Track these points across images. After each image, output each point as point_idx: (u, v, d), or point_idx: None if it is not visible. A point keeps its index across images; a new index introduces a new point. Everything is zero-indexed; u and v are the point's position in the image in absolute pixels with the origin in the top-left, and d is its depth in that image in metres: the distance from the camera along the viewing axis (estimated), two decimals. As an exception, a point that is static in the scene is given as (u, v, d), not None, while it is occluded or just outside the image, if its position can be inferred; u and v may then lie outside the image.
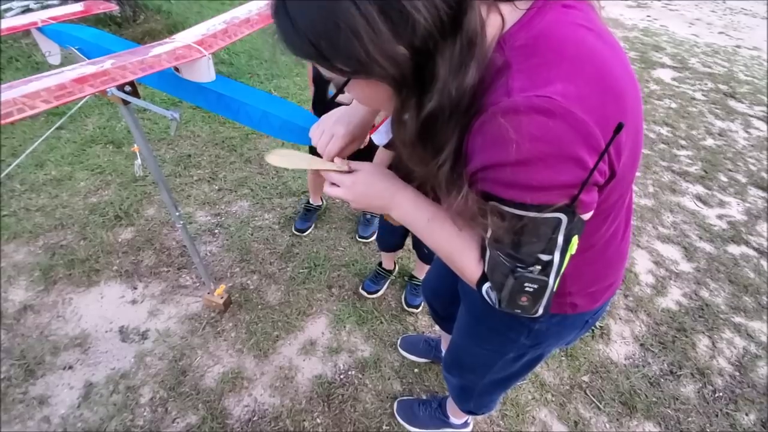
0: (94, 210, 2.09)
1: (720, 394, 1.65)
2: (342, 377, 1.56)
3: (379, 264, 1.88)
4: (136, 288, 1.79)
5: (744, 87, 4.32)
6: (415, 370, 1.61)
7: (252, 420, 1.42)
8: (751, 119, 3.73)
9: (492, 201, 0.49)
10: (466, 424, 1.41)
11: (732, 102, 3.99)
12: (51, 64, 1.28)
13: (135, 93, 1.04)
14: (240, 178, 2.39)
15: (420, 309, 1.81)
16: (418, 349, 1.63)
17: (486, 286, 0.60)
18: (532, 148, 0.43)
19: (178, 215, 1.41)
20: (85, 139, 2.52)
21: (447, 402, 1.39)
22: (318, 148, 0.72)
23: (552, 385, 1.60)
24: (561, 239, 0.50)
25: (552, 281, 0.54)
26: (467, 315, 0.93)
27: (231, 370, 1.54)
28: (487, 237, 0.54)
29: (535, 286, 0.54)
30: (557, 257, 0.52)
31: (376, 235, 1.77)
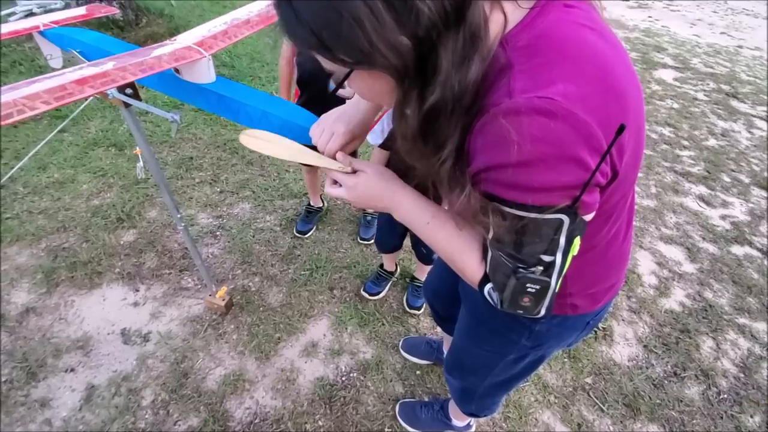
0: (96, 212, 2.10)
1: (724, 395, 1.63)
2: (344, 379, 1.55)
3: (381, 266, 1.88)
4: (138, 290, 1.79)
5: (746, 87, 4.31)
6: (417, 372, 1.60)
7: (253, 422, 1.41)
8: (754, 119, 3.72)
9: (494, 201, 0.49)
10: (468, 426, 1.40)
11: (734, 102, 3.98)
12: (53, 67, 1.29)
13: (136, 95, 1.04)
14: (241, 180, 2.40)
15: (422, 310, 1.80)
16: (420, 351, 1.62)
17: (488, 286, 0.60)
18: (533, 149, 0.43)
19: (179, 217, 1.41)
20: (88, 142, 2.54)
21: (449, 404, 1.38)
22: (318, 146, 0.72)
23: (555, 387, 1.59)
24: (563, 240, 0.50)
25: (554, 282, 0.54)
26: (468, 316, 0.93)
27: (232, 372, 1.53)
28: (489, 237, 0.54)
29: (537, 286, 0.54)
30: (559, 258, 0.51)
31: (374, 238, 1.77)
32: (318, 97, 1.24)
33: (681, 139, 3.27)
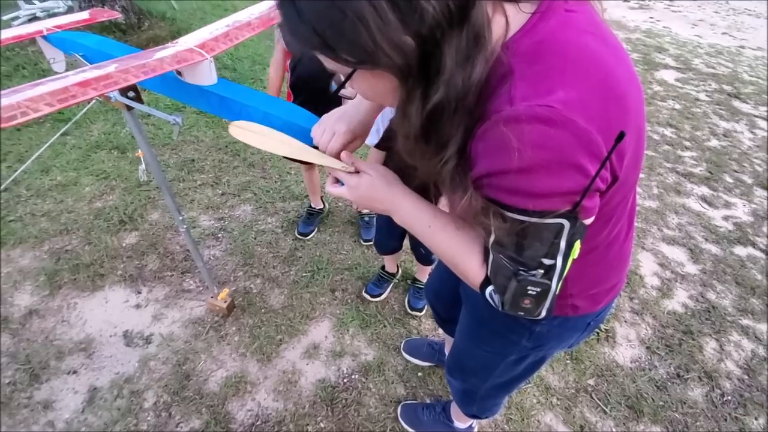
0: (98, 215, 2.11)
1: (728, 397, 1.62)
2: (345, 381, 1.55)
3: (382, 267, 1.88)
4: (140, 292, 1.79)
5: (748, 87, 4.30)
6: (419, 374, 1.60)
7: (255, 424, 1.41)
8: (756, 120, 3.71)
9: (495, 206, 0.49)
10: (470, 428, 1.40)
11: (736, 102, 3.97)
12: (55, 71, 1.30)
13: (138, 98, 1.05)
14: (243, 182, 2.40)
15: (423, 312, 1.80)
16: (421, 353, 1.62)
17: (489, 289, 0.60)
18: (533, 156, 0.43)
19: (181, 219, 1.41)
20: (90, 145, 2.55)
21: (451, 406, 1.38)
22: (320, 146, 0.72)
23: (557, 389, 1.59)
24: (563, 244, 0.50)
25: (555, 285, 0.54)
26: (469, 317, 0.93)
27: (234, 374, 1.53)
28: (491, 240, 0.55)
29: (538, 289, 0.54)
30: (560, 261, 0.52)
31: (374, 240, 1.77)
32: (311, 101, 1.24)
33: (683, 140, 3.26)
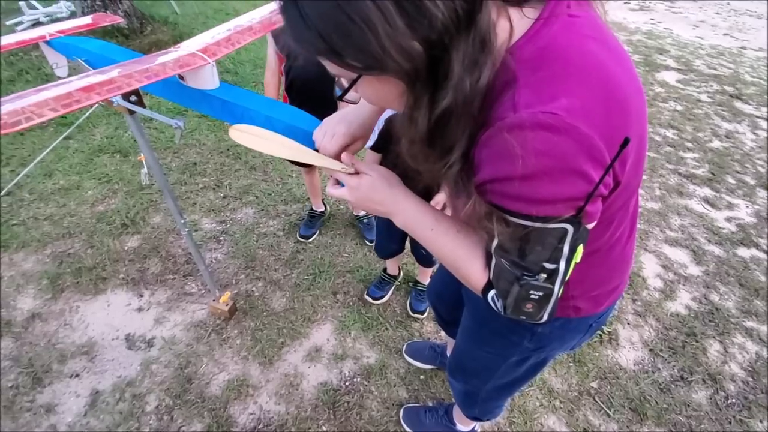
0: (101, 218, 2.12)
1: (733, 400, 1.61)
2: (347, 384, 1.55)
3: (384, 270, 1.87)
4: (142, 296, 1.80)
5: (750, 88, 4.29)
6: (421, 376, 1.59)
7: (257, 428, 1.41)
8: (759, 120, 3.70)
9: (498, 211, 0.49)
10: (473, 431, 1.39)
11: (738, 103, 3.96)
12: (58, 75, 1.31)
13: (140, 102, 1.05)
14: (245, 185, 2.41)
15: (425, 315, 1.80)
16: (423, 356, 1.62)
17: (492, 293, 0.60)
18: (537, 162, 0.43)
19: (183, 223, 1.42)
20: (93, 149, 2.56)
21: (453, 409, 1.38)
22: (321, 149, 0.73)
23: (560, 392, 1.58)
24: (567, 248, 0.50)
25: (557, 289, 0.55)
26: (470, 318, 0.93)
27: (236, 377, 1.53)
28: (494, 245, 0.55)
29: (541, 293, 0.54)
30: (563, 265, 0.52)
31: (374, 244, 1.77)
32: (306, 103, 1.25)
33: (685, 141, 3.26)
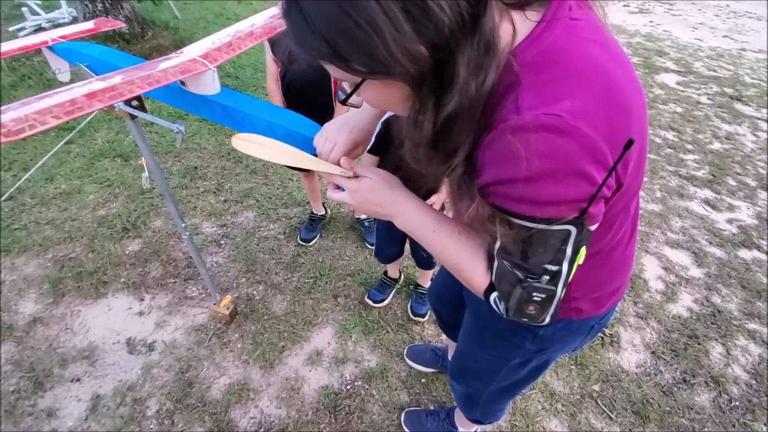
0: (102, 222, 2.12)
1: (736, 403, 1.60)
2: (348, 388, 1.55)
3: (385, 273, 1.87)
4: (143, 299, 1.80)
5: (750, 90, 4.29)
6: (422, 380, 1.59)
7: (258, 432, 1.41)
8: (759, 122, 3.70)
9: (502, 213, 0.49)
10: (474, 435, 1.39)
11: (738, 105, 3.96)
12: (61, 81, 1.32)
13: (142, 107, 1.06)
14: (245, 189, 2.41)
15: (426, 318, 1.80)
16: (424, 359, 1.61)
17: (494, 295, 0.60)
18: (541, 164, 0.43)
19: (184, 227, 1.42)
20: (94, 153, 2.57)
21: (455, 412, 1.37)
22: (322, 155, 0.73)
23: (562, 395, 1.57)
24: (570, 250, 0.50)
25: (560, 291, 0.55)
26: (472, 320, 0.93)
27: (237, 381, 1.53)
28: (497, 247, 0.55)
29: (543, 295, 0.54)
30: (565, 267, 0.52)
31: (374, 249, 1.76)
32: (302, 107, 1.26)
33: (685, 143, 3.26)
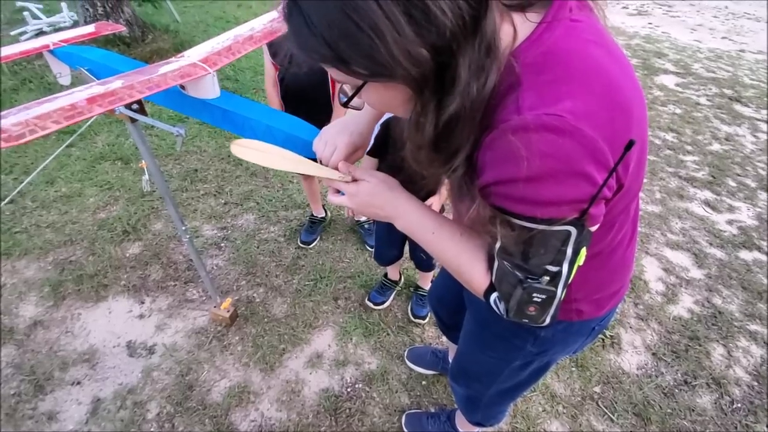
0: (102, 225, 2.12)
1: (738, 404, 1.60)
2: (349, 390, 1.54)
3: (385, 275, 1.87)
4: (143, 302, 1.80)
5: (750, 91, 4.29)
6: (423, 382, 1.59)
7: (259, 435, 1.41)
8: (759, 123, 3.70)
9: (503, 214, 0.49)
10: (475, 437, 1.38)
11: (738, 106, 3.96)
12: (62, 84, 1.32)
13: (142, 111, 1.06)
14: (246, 191, 2.42)
15: (427, 320, 1.79)
16: (425, 361, 1.61)
17: (494, 296, 0.60)
18: (542, 164, 0.43)
19: (184, 229, 1.42)
20: (95, 156, 2.58)
21: (456, 415, 1.37)
22: (322, 160, 0.73)
23: (563, 397, 1.57)
24: (570, 251, 0.50)
25: (560, 292, 0.55)
26: (473, 322, 0.93)
27: (237, 384, 1.53)
28: (497, 247, 0.55)
29: (543, 296, 0.54)
30: (566, 268, 0.52)
31: (374, 252, 1.76)
32: (300, 110, 1.26)
33: (684, 144, 3.26)
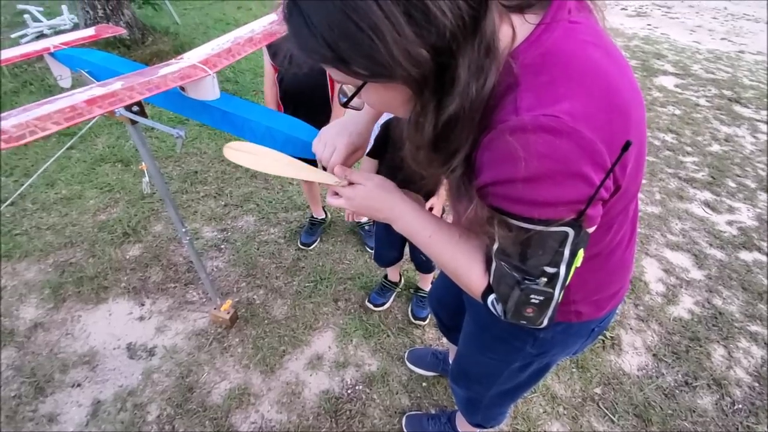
0: (102, 227, 2.13)
1: (739, 405, 1.60)
2: (349, 392, 1.54)
3: (385, 276, 1.87)
4: (143, 304, 1.80)
5: (749, 92, 4.30)
6: (423, 384, 1.59)
7: (259, 437, 1.40)
8: (758, 124, 3.70)
9: (500, 214, 0.49)
10: (476, 439, 1.38)
11: (737, 107, 3.96)
12: (62, 87, 1.32)
13: (142, 112, 1.07)
14: (246, 193, 2.42)
15: (427, 321, 1.79)
16: (425, 363, 1.61)
17: (491, 297, 0.60)
18: (539, 165, 0.43)
19: (184, 231, 1.42)
20: (95, 159, 2.58)
21: (456, 416, 1.37)
22: (322, 161, 0.73)
23: (564, 398, 1.57)
24: (567, 252, 0.50)
25: (557, 293, 0.55)
26: (472, 324, 0.93)
27: (238, 386, 1.53)
28: (495, 248, 0.55)
29: (541, 297, 0.54)
30: (563, 270, 0.52)
31: (374, 253, 1.77)
32: (299, 112, 1.27)
33: (684, 145, 3.26)
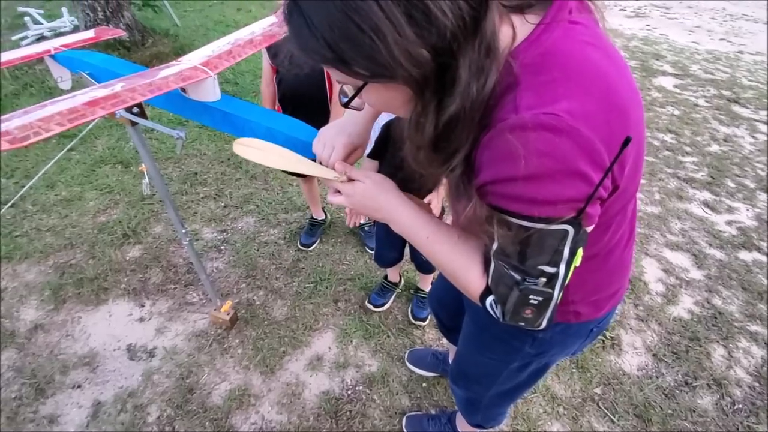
0: (102, 229, 2.13)
1: (739, 405, 1.60)
2: (349, 393, 1.54)
3: (385, 277, 1.87)
4: (143, 306, 1.80)
5: (748, 92, 4.31)
6: (424, 384, 1.59)
7: (259, 438, 1.40)
8: (757, 124, 3.71)
9: (500, 213, 0.50)
10: (476, 439, 1.38)
11: (736, 107, 3.97)
12: (62, 89, 1.33)
13: (142, 114, 1.07)
14: (245, 194, 2.42)
15: (427, 322, 1.79)
16: (425, 363, 1.61)
17: (490, 299, 0.60)
18: (539, 163, 0.44)
19: (184, 232, 1.42)
20: (95, 160, 2.58)
21: (456, 416, 1.37)
22: (322, 161, 0.74)
23: (564, 398, 1.57)
24: (567, 251, 0.51)
25: (557, 293, 0.55)
26: (472, 324, 0.93)
27: (238, 387, 1.53)
28: (494, 248, 0.55)
29: (540, 298, 0.54)
30: (562, 269, 0.52)
31: (374, 254, 1.77)
32: (298, 112, 1.27)
33: (683, 146, 3.27)
